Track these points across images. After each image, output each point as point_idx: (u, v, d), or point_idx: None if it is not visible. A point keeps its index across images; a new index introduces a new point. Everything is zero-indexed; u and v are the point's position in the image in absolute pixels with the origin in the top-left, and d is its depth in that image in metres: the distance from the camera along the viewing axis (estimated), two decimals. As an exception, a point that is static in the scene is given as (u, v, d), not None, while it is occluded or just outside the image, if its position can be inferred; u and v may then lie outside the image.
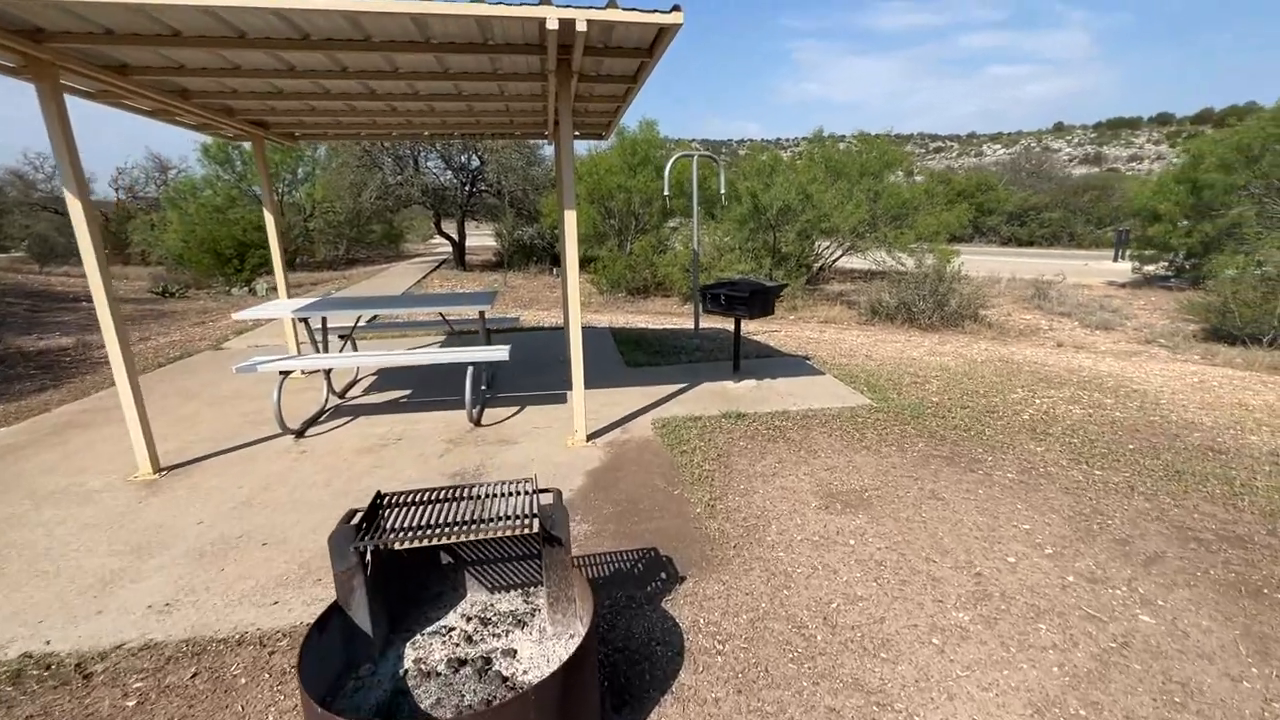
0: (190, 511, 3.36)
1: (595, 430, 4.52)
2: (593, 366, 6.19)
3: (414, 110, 5.19)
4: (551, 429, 4.58)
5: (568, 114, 3.70)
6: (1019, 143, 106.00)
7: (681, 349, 7.10)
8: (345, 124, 5.70)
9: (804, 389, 5.47)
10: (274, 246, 5.86)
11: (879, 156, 15.56)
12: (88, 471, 3.86)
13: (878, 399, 5.18)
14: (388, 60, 3.75)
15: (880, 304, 10.97)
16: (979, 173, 40.77)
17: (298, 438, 4.44)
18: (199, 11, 2.83)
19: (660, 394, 5.37)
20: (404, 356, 4.59)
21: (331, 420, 4.80)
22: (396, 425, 4.65)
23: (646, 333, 8.25)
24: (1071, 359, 7.44)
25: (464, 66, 3.92)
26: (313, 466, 3.93)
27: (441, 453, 4.14)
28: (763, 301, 5.29)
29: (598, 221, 15.89)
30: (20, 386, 5.99)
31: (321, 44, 3.35)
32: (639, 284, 14.77)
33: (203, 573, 2.79)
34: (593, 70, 4.08)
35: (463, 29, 3.21)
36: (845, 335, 8.97)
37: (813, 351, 7.25)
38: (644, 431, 4.51)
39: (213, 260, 19.21)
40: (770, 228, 13.29)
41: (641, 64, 3.84)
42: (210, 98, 4.47)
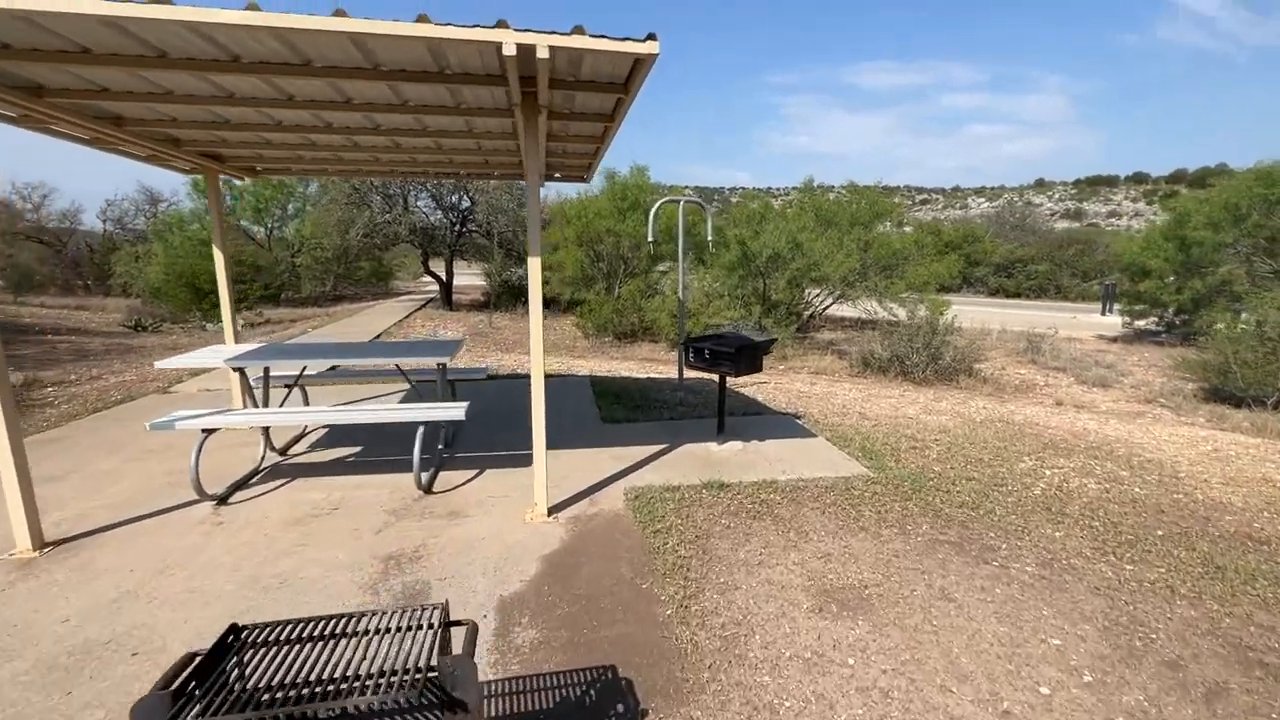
0: (61, 604, 2.80)
1: (559, 502, 4.01)
2: (565, 423, 5.71)
3: (379, 146, 4.84)
4: (510, 498, 4.07)
5: (535, 153, 3.34)
6: (1002, 197, 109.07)
7: (664, 403, 6.64)
8: (307, 159, 5.35)
9: (794, 454, 5.00)
10: (222, 286, 5.40)
11: (869, 206, 15.53)
12: (-42, 546, 3.29)
13: (875, 467, 4.72)
14: (336, 89, 3.39)
15: (872, 356, 10.62)
16: (966, 225, 41.48)
17: (220, 504, 3.89)
18: (100, 24, 2.45)
19: (637, 456, 4.89)
20: (347, 413, 4.09)
21: (265, 482, 4.26)
22: (336, 491, 4.12)
23: (629, 384, 7.80)
24: (1074, 420, 7.05)
25: (423, 98, 3.57)
26: (226, 543, 3.38)
27: (380, 527, 3.61)
28: (750, 358, 4.87)
29: (586, 265, 15.64)
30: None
31: (256, 67, 2.99)
32: (626, 328, 14.42)
33: (42, 698, 2.23)
34: (565, 107, 3.75)
35: (412, 55, 2.86)
36: (837, 389, 8.56)
37: (803, 408, 6.82)
38: (615, 503, 4.01)
39: (189, 294, 18.75)
40: (760, 275, 13.06)
41: (618, 100, 3.51)
42: (149, 126, 4.09)
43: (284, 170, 5.88)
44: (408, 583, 3.02)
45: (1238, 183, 13.84)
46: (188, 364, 4.15)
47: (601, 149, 4.70)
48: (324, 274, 26.85)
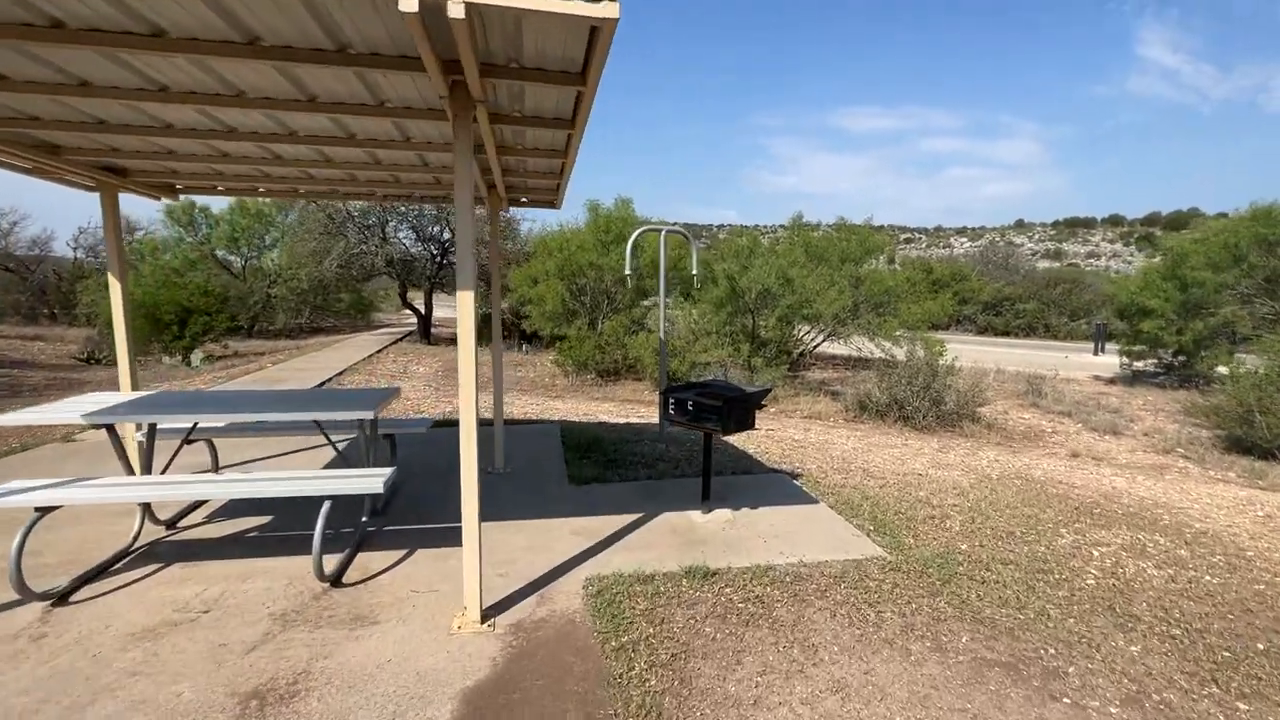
0: None
1: (500, 599, 3.15)
2: (524, 484, 4.88)
3: (304, 158, 4.12)
4: (441, 592, 3.21)
5: (465, 161, 2.60)
6: (984, 237, 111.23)
7: (643, 458, 5.82)
8: (229, 175, 4.61)
9: (793, 526, 4.20)
10: (118, 321, 4.58)
11: (860, 243, 15.06)
12: None
13: (890, 545, 3.92)
14: (218, 79, 2.66)
15: (869, 399, 9.90)
16: (952, 263, 41.62)
17: (57, 604, 3.00)
18: None
19: (605, 530, 4.05)
20: (229, 485, 3.23)
21: (132, 569, 3.37)
22: (216, 584, 3.23)
23: (605, 432, 6.98)
24: (1098, 477, 6.32)
25: (332, 92, 2.85)
26: (31, 672, 2.48)
27: (256, 642, 2.73)
28: (741, 412, 4.10)
29: (567, 299, 14.94)
30: None
31: (92, 36, 2.25)
32: (609, 366, 13.65)
33: None
34: (514, 108, 3.05)
35: (292, 22, 2.15)
36: (834, 437, 7.80)
37: (800, 462, 6.03)
38: (571, 600, 3.16)
39: (150, 326, 17.73)
40: (749, 311, 12.42)
41: (578, 96, 2.81)
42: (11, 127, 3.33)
43: (208, 189, 5.11)
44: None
45: (1234, 223, 13.55)
46: (40, 419, 3.28)
47: (567, 165, 3.99)
48: (300, 305, 26.00)
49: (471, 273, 2.67)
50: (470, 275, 2.67)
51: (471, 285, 2.67)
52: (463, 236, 2.65)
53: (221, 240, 28.06)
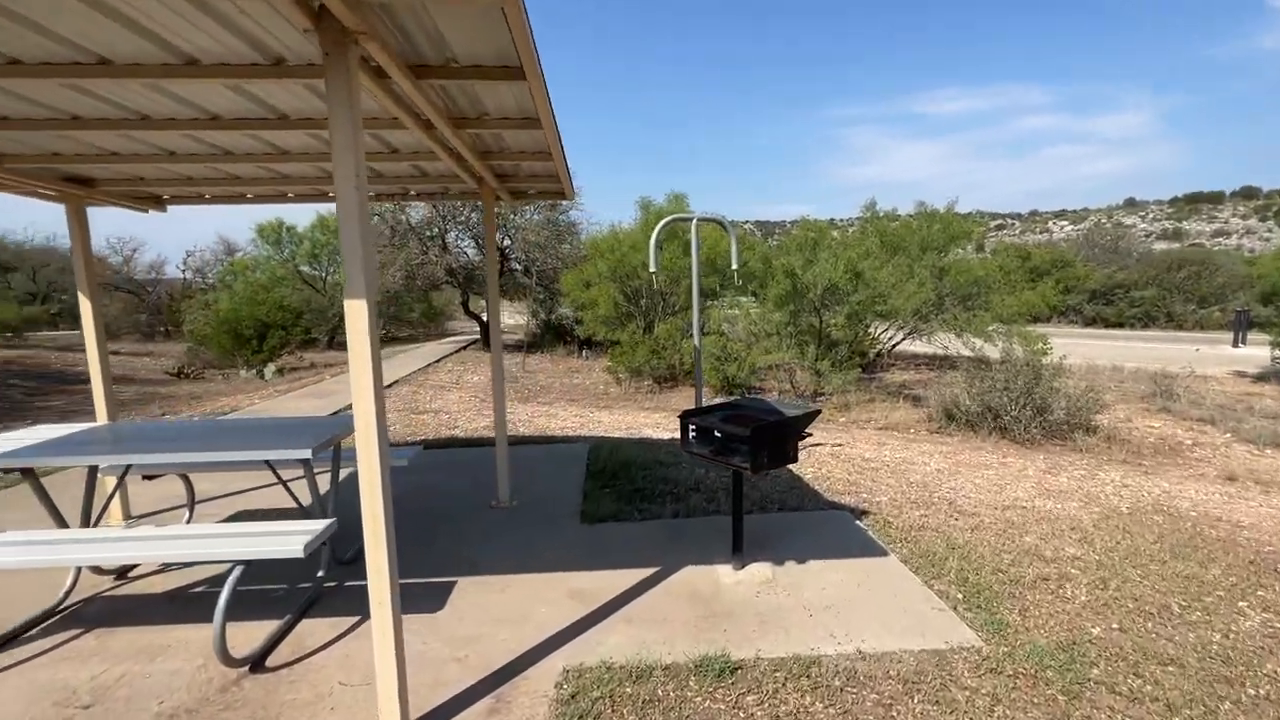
0: None
1: (442, 703, 2.40)
2: (525, 525, 4.14)
3: (257, 153, 3.57)
4: (374, 687, 2.50)
5: (344, 123, 1.86)
6: (1088, 219, 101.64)
7: (675, 486, 4.95)
8: (199, 179, 4.17)
9: (852, 590, 3.21)
10: (92, 344, 4.22)
11: (943, 229, 13.45)
12: None
13: (988, 626, 2.87)
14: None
15: (957, 407, 8.53)
16: (1052, 248, 37.78)
17: (-59, 685, 2.53)
18: None
19: (609, 590, 3.24)
20: (126, 546, 2.65)
21: (47, 635, 2.89)
22: (121, 662, 2.68)
23: (641, 451, 6.16)
24: (1273, 510, 4.85)
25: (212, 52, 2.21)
26: None
27: (119, 761, 2.11)
28: (776, 443, 3.17)
29: (620, 302, 14.25)
30: None
31: None
32: (664, 372, 12.83)
33: None
34: (431, 50, 2.29)
35: None
36: (914, 454, 6.61)
37: (869, 490, 4.97)
38: (533, 708, 2.36)
39: (232, 340, 18.55)
40: (815, 310, 11.23)
41: (506, 19, 2.01)
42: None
43: (195, 197, 4.74)
44: None
45: None
46: (-61, 463, 2.87)
47: (550, 138, 3.21)
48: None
49: (361, 278, 1.93)
50: (359, 277, 1.93)
51: (361, 294, 1.94)
52: (346, 232, 1.92)
53: (304, 256, 29.45)
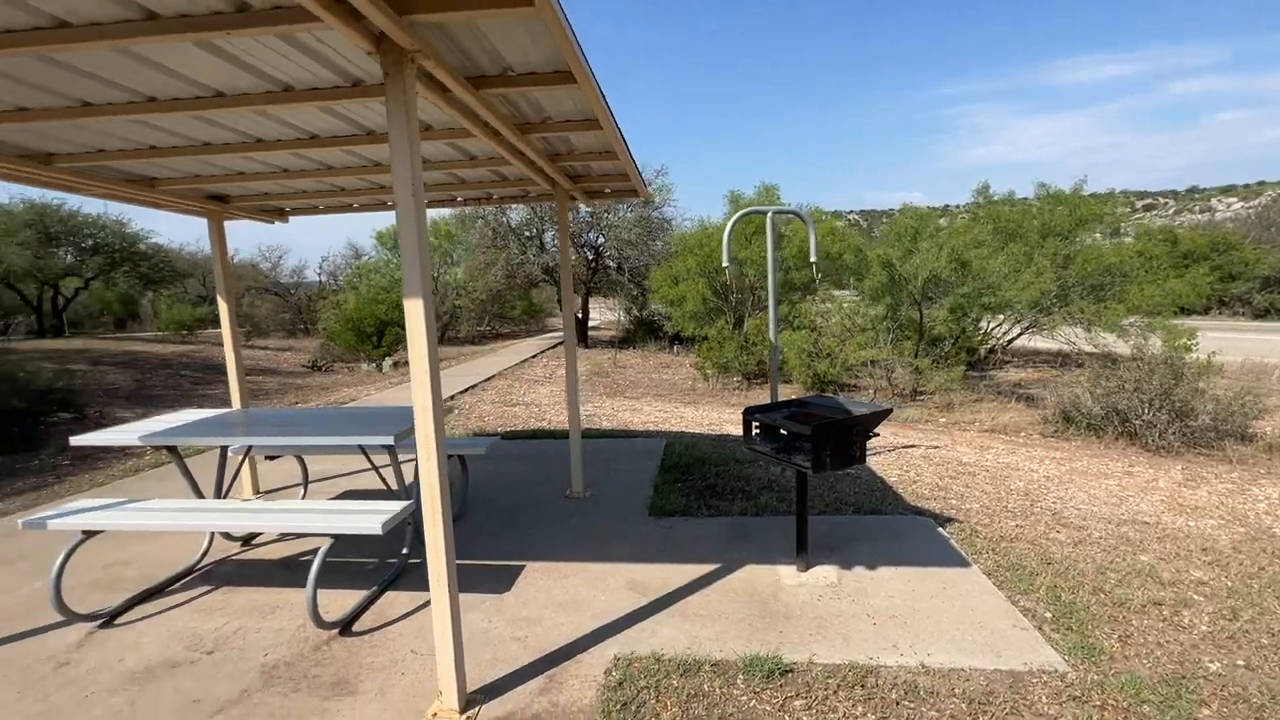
0: None
1: (501, 677, 2.55)
2: (595, 516, 4.27)
3: (390, 184, 3.94)
4: (443, 657, 2.70)
5: (402, 138, 2.02)
6: (1263, 194, 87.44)
7: (747, 483, 4.89)
8: (311, 192, 4.65)
9: (922, 601, 3.03)
10: (227, 340, 4.85)
11: (1069, 212, 12.16)
12: None
13: (1077, 650, 2.61)
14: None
15: (1078, 408, 7.72)
16: (1212, 230, 32.97)
17: (105, 624, 3.04)
18: None
19: (668, 584, 3.28)
20: (246, 515, 3.04)
21: (184, 590, 3.38)
22: (236, 619, 3.08)
23: (717, 448, 6.13)
24: None
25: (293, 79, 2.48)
26: (23, 710, 2.43)
27: (227, 703, 2.44)
28: (839, 444, 3.05)
29: (709, 297, 14.18)
30: (25, 481, 5.49)
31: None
32: (753, 368, 12.64)
33: None
34: (487, 62, 2.42)
35: None
36: (1019, 459, 6.07)
37: (959, 497, 4.64)
38: (582, 691, 2.45)
39: (355, 337, 20.37)
40: (915, 303, 10.56)
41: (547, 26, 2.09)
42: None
43: (311, 209, 5.30)
44: None
45: None
46: (106, 440, 3.43)
47: (609, 137, 3.28)
48: (480, 314, 28.62)
49: (418, 278, 2.09)
50: (416, 283, 2.09)
51: (418, 293, 2.09)
52: (405, 236, 2.08)
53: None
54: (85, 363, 13.35)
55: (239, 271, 29.40)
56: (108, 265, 22.65)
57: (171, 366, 14.58)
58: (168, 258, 24.71)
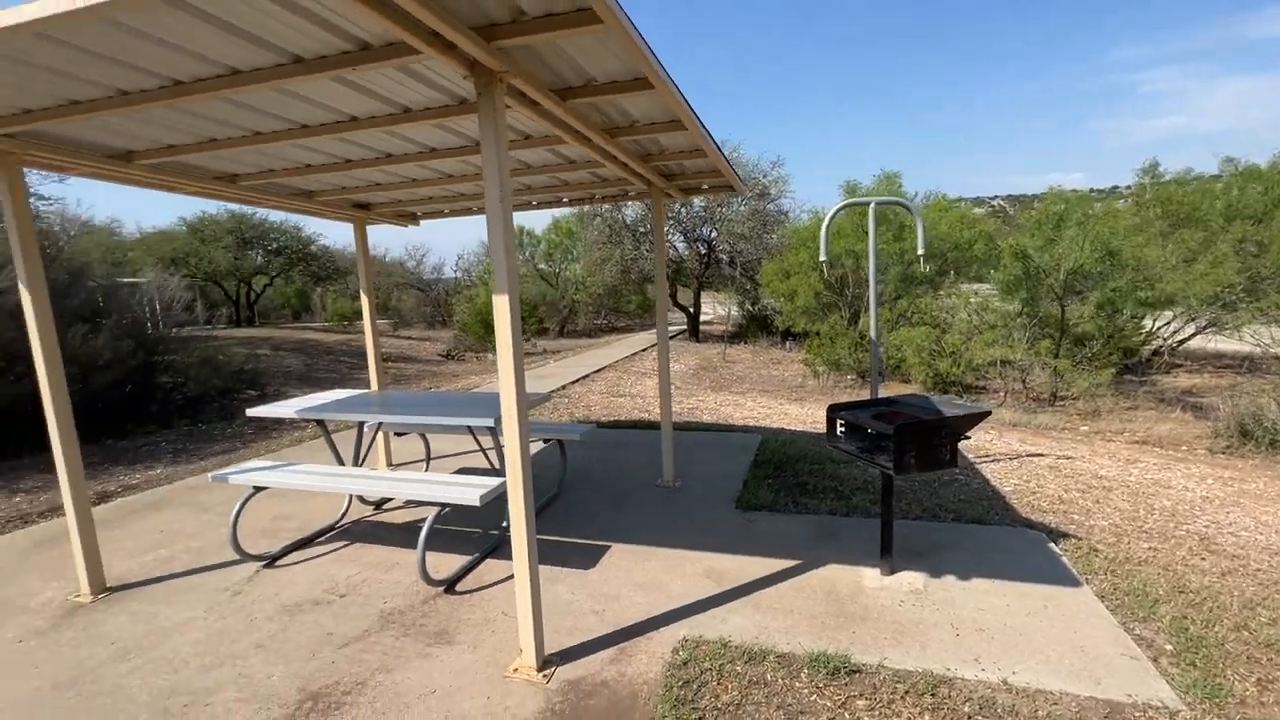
0: (17, 681, 2.66)
1: (576, 644, 2.77)
2: (681, 504, 4.41)
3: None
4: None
5: (492, 151, 2.26)
6: None
7: (840, 484, 4.77)
8: (438, 198, 5.19)
9: (1016, 617, 2.84)
10: (368, 330, 5.54)
11: (1264, 192, 10.30)
12: (63, 578, 3.58)
13: (1196, 688, 2.33)
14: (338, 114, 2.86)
15: (1260, 420, 6.61)
16: None
17: (268, 565, 3.67)
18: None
19: (743, 575, 3.34)
20: (370, 481, 3.52)
21: (328, 544, 3.97)
22: (365, 570, 3.57)
23: (816, 446, 6.00)
24: None
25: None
26: (210, 625, 3.02)
27: (353, 637, 2.88)
28: (926, 445, 2.92)
29: (821, 292, 13.69)
30: (203, 447, 6.70)
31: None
32: (867, 366, 12.07)
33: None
34: (569, 74, 2.61)
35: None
36: (1174, 476, 5.34)
37: (1083, 512, 4.21)
38: (649, 666, 2.60)
39: (483, 328, 21.99)
40: (1056, 297, 9.50)
41: (613, 36, 2.23)
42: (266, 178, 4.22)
43: (438, 213, 5.90)
44: (281, 755, 2.17)
45: None
46: (271, 413, 4.11)
47: (694, 135, 3.36)
48: (597, 308, 29.72)
49: (505, 277, 2.33)
50: (504, 280, 2.33)
51: (505, 290, 2.33)
52: (494, 238, 2.33)
53: (542, 255, 33.39)
54: (268, 348, 15.64)
55: (388, 269, 32.60)
56: (287, 265, 26.27)
57: (334, 353, 16.66)
58: (333, 258, 28.14)
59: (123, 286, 12.04)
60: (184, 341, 9.73)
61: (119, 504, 4.89)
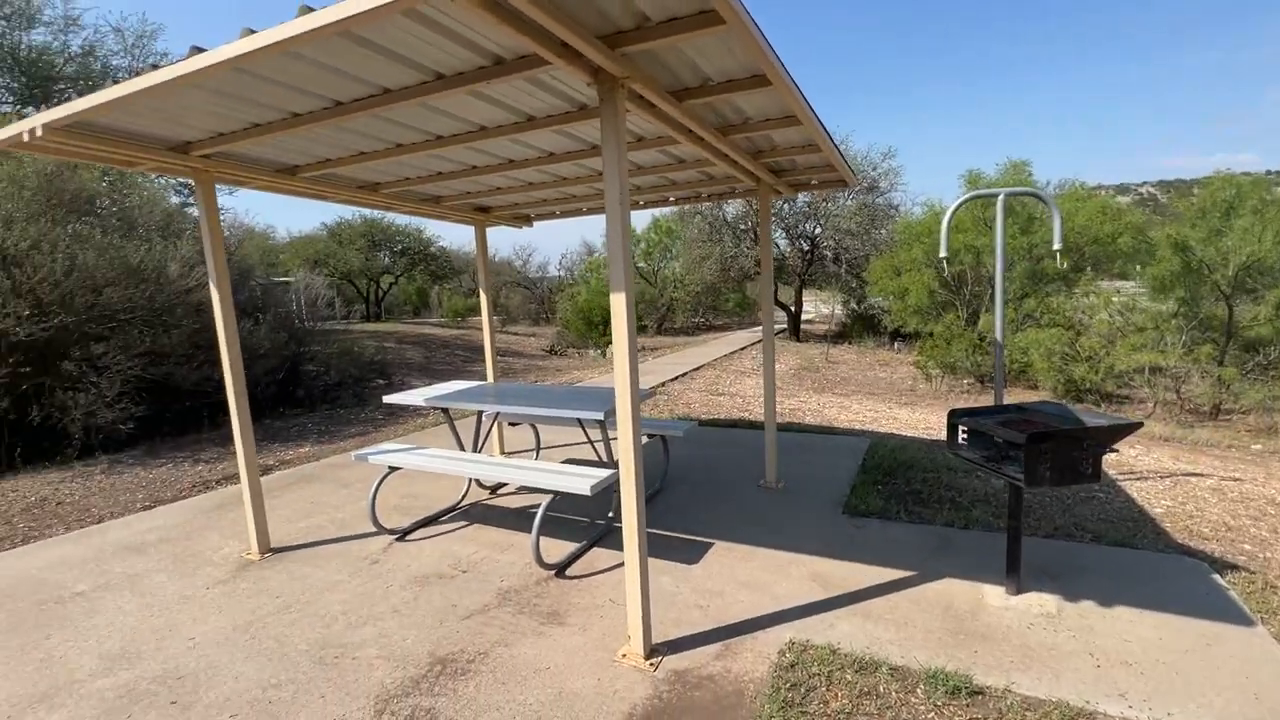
0: (206, 621, 3.12)
1: (681, 637, 2.82)
2: (786, 506, 4.35)
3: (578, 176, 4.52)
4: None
5: (613, 154, 2.35)
6: None
7: (958, 494, 4.49)
8: (552, 200, 5.43)
9: (1172, 654, 2.55)
10: (485, 326, 5.91)
11: None
12: (236, 538, 4.14)
13: None
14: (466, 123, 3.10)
15: None
16: None
17: (400, 539, 4.03)
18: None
19: (852, 582, 3.24)
20: (490, 467, 3.76)
21: (449, 523, 4.30)
22: (483, 549, 3.83)
23: (929, 454, 5.67)
24: None
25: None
26: (353, 589, 3.38)
27: (474, 610, 3.11)
28: (1063, 457, 2.69)
29: (936, 290, 12.86)
30: (342, 429, 7.45)
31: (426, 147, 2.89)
32: (988, 369, 11.22)
33: None
34: (688, 76, 2.64)
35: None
36: (1376, 510, 4.53)
37: (1254, 540, 3.68)
38: (755, 665, 2.60)
39: (585, 326, 22.67)
40: (1223, 296, 8.31)
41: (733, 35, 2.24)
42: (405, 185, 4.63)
43: (550, 214, 6.17)
44: (415, 713, 2.39)
45: None
46: (404, 401, 4.50)
47: (808, 129, 3.29)
48: (694, 306, 29.72)
49: (622, 275, 2.42)
50: (621, 277, 2.42)
51: (622, 288, 2.42)
52: (612, 237, 2.42)
53: (641, 254, 33.82)
54: (393, 341, 17.04)
55: (498, 268, 34.38)
56: (410, 265, 28.44)
57: (449, 346, 17.86)
58: (449, 258, 30.14)
59: (277, 285, 13.62)
60: (326, 334, 10.86)
61: (276, 476, 5.56)
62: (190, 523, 4.48)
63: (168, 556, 3.89)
